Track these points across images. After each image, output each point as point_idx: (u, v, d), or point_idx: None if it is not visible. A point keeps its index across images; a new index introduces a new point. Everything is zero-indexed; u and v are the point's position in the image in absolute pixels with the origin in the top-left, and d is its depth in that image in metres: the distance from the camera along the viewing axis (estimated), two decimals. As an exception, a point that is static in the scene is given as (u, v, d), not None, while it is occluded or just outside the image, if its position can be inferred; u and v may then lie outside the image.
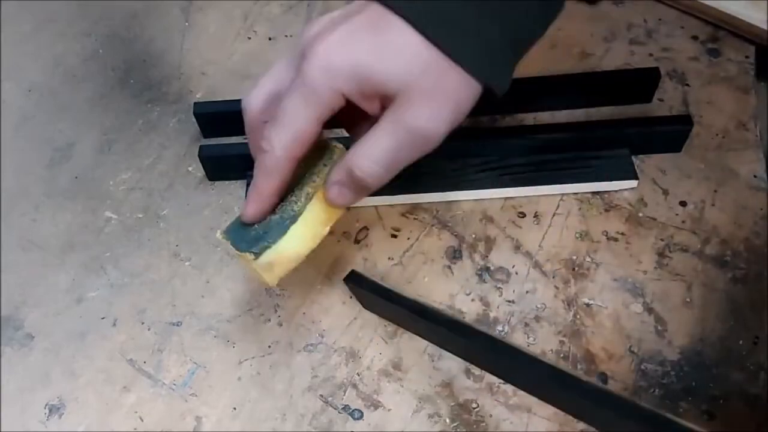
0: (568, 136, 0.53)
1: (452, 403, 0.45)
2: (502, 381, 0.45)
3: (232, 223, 0.43)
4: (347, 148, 0.41)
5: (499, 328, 0.47)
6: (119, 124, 0.59)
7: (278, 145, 0.38)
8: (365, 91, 0.37)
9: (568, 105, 0.56)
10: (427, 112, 0.37)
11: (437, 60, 0.36)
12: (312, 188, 0.41)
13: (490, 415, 0.44)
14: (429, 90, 0.36)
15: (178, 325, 0.49)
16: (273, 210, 0.42)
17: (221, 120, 0.56)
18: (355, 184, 0.40)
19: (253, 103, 0.41)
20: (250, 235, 0.41)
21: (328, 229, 0.42)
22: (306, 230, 0.41)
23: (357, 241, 0.52)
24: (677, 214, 0.51)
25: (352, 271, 0.49)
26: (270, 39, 0.64)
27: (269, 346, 0.48)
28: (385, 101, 0.38)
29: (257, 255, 0.40)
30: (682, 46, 0.59)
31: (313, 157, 0.42)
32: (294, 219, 0.41)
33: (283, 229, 0.41)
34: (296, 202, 0.41)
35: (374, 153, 0.38)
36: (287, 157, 0.39)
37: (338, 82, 0.37)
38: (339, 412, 0.45)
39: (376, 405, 0.45)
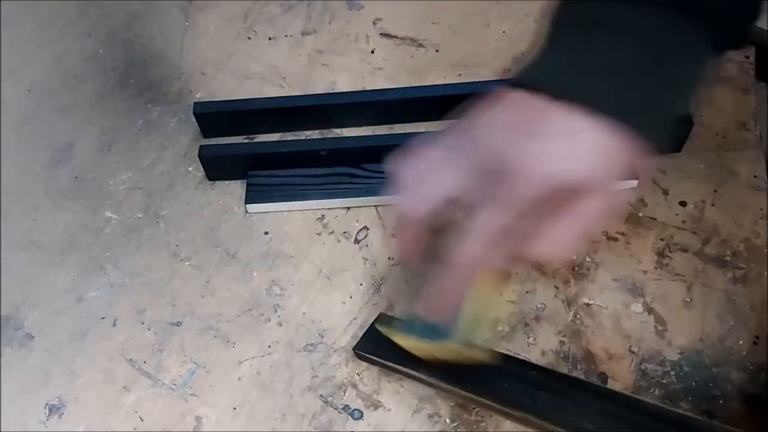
0: (568, 136, 0.53)
1: (452, 403, 0.45)
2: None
3: (399, 323, 0.44)
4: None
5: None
6: (119, 124, 0.59)
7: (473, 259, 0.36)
8: (552, 193, 0.35)
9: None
10: (607, 197, 0.36)
11: (623, 144, 0.34)
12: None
13: (490, 415, 0.44)
14: (612, 176, 0.35)
15: (178, 325, 0.49)
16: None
17: (221, 120, 0.57)
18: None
19: (424, 210, 0.38)
20: (437, 328, 0.40)
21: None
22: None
23: (357, 241, 0.52)
24: (677, 214, 0.51)
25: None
26: (270, 39, 0.64)
27: (269, 346, 0.48)
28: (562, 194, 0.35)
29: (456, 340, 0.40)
30: (682, 46, 0.59)
31: None
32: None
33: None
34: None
35: (564, 241, 0.36)
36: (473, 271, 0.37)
37: (540, 192, 0.34)
38: (339, 412, 0.45)
39: (376, 405, 0.45)
